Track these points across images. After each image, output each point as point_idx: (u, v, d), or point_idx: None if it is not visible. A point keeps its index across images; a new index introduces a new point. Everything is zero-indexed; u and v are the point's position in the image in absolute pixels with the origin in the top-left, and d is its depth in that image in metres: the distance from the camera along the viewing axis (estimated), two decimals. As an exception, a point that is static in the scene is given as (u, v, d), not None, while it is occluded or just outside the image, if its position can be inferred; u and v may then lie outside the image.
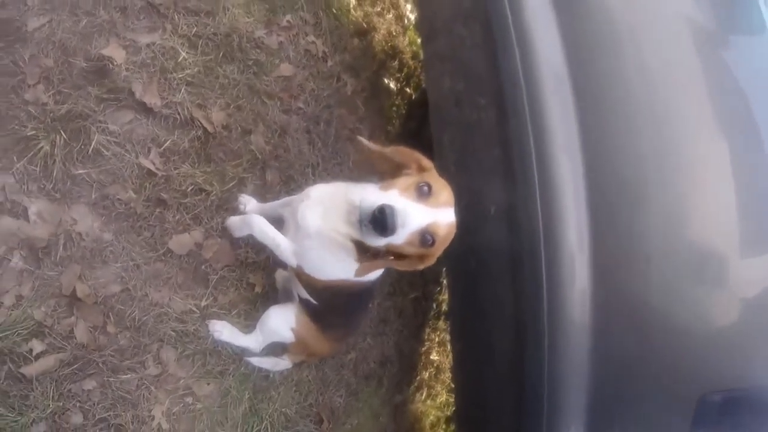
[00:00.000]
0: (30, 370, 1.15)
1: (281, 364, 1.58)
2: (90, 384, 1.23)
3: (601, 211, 1.26)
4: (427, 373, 2.15)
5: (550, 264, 1.28)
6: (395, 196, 1.03)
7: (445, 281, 2.10)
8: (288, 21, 1.73)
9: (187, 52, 1.48)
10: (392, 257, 1.12)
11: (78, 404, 1.21)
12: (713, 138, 1.25)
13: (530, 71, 1.31)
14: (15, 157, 1.19)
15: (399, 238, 1.03)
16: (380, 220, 0.98)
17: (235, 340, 1.49)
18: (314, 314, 1.42)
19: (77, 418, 1.20)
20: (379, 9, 2.12)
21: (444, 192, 1.10)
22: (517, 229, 1.38)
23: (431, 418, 2.15)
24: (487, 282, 1.55)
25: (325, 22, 1.85)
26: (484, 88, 1.48)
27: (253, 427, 1.53)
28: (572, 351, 1.28)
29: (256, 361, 1.53)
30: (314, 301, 1.39)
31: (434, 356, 2.22)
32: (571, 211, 1.27)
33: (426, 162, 1.14)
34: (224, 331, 1.47)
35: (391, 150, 1.15)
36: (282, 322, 1.44)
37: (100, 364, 1.26)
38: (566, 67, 1.30)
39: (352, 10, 1.97)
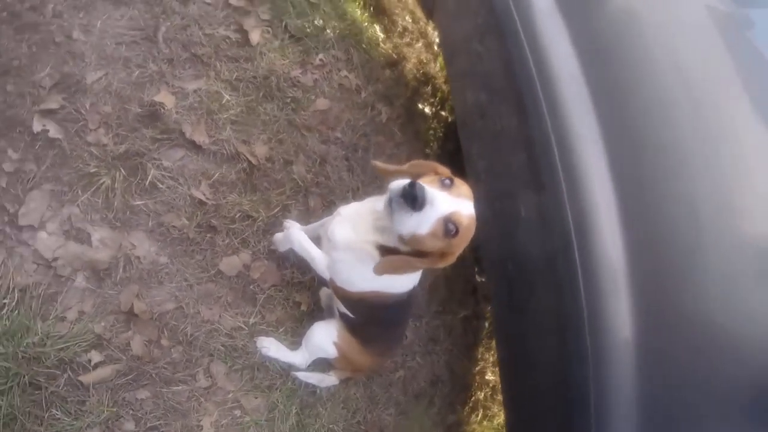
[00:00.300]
0: (88, 378, 1.25)
1: (327, 380, 1.58)
2: (143, 394, 1.30)
3: (634, 207, 1.18)
4: (483, 394, 2.03)
5: (585, 268, 1.21)
6: (427, 186, 1.05)
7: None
8: (321, 59, 1.87)
9: (229, 95, 1.63)
10: (413, 254, 1.13)
11: (131, 412, 1.28)
12: (753, 118, 1.16)
13: (544, 73, 1.31)
14: (80, 191, 1.35)
15: (427, 221, 1.04)
16: (410, 193, 1.00)
17: (281, 355, 1.52)
18: (353, 329, 1.44)
19: (129, 425, 1.27)
20: (408, 40, 2.22)
21: (464, 186, 1.13)
22: (549, 229, 1.33)
23: (488, 440, 2.02)
24: (525, 286, 1.49)
25: (356, 58, 1.97)
26: (505, 97, 1.50)
27: None
28: (617, 366, 1.17)
29: (302, 375, 1.54)
30: (351, 315, 1.41)
31: (489, 376, 2.11)
32: (601, 209, 1.20)
33: (443, 168, 1.17)
34: (271, 347, 1.51)
35: (408, 165, 1.20)
36: (325, 337, 1.46)
37: (154, 376, 1.33)
38: (578, 65, 1.29)
39: (381, 44, 2.09)
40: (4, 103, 1.30)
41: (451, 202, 1.06)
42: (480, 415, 2.04)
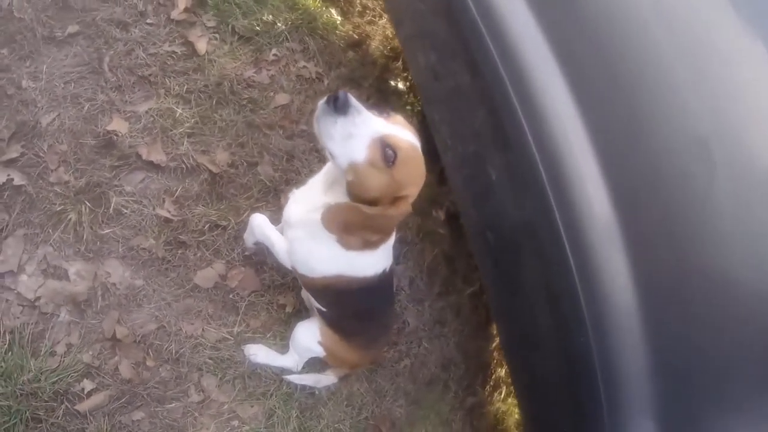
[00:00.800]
0: (83, 406, 1.38)
1: (324, 380, 1.64)
2: (138, 415, 1.43)
3: (618, 148, 1.11)
4: (503, 370, 2.02)
5: (568, 227, 1.16)
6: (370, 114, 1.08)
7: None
8: (275, 54, 1.90)
9: (182, 109, 1.71)
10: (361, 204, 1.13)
11: None
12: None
13: (488, 18, 1.26)
14: (50, 230, 1.48)
15: (360, 142, 1.05)
16: (333, 97, 1.02)
17: (272, 361, 1.60)
18: (332, 324, 1.48)
19: None
20: (369, 18, 2.20)
21: (401, 119, 1.14)
22: (522, 191, 1.30)
23: (515, 416, 2.00)
24: (508, 257, 1.46)
25: (313, 45, 1.98)
26: (453, 52, 1.46)
27: None
28: (621, 334, 1.13)
29: (296, 378, 1.61)
30: (323, 309, 1.45)
31: (509, 350, 2.12)
32: (576, 154, 1.13)
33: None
34: (260, 353, 1.59)
35: None
36: (308, 336, 1.51)
37: (146, 396, 1.45)
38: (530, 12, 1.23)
39: (339, 27, 2.08)
40: (-33, 161, 1.45)
41: (386, 126, 1.07)
42: (503, 393, 2.04)
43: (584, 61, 1.15)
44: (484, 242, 1.54)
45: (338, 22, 2.10)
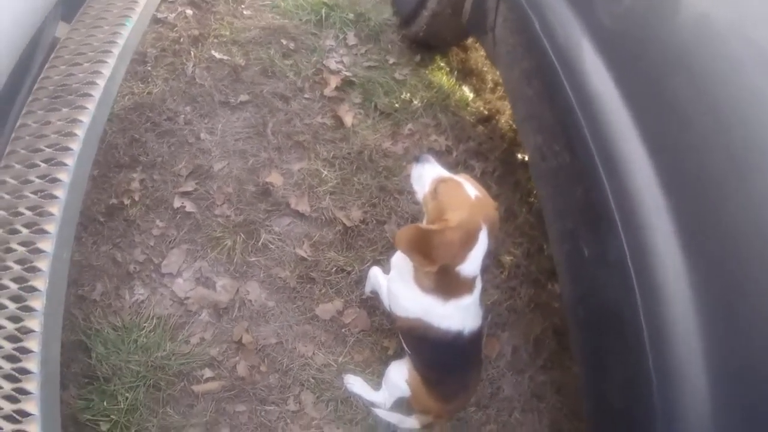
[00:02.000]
0: (199, 388, 1.79)
1: (408, 422, 1.87)
2: (240, 408, 1.79)
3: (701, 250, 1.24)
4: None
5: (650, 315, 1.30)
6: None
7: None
8: (410, 129, 2.47)
9: (327, 171, 2.28)
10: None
11: (228, 421, 1.77)
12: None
13: (583, 104, 1.56)
14: (209, 250, 2.04)
15: (425, 180, 1.59)
16: (418, 157, 1.66)
17: (365, 392, 1.90)
18: (416, 366, 1.77)
19: (225, 431, 1.76)
20: (499, 94, 2.68)
21: (468, 177, 1.66)
22: (610, 269, 1.48)
23: None
24: (594, 332, 1.61)
25: (444, 121, 2.52)
26: (555, 134, 1.78)
27: None
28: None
29: (382, 413, 1.87)
30: (408, 350, 1.77)
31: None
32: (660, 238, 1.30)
33: None
34: (356, 384, 1.91)
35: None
36: (399, 374, 1.81)
37: (252, 395, 1.82)
38: (619, 93, 1.48)
39: (470, 103, 2.61)
40: (153, 188, 2.12)
41: (445, 173, 1.61)
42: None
43: (675, 149, 1.36)
44: (576, 316, 1.70)
45: (470, 98, 2.64)
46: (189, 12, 2.58)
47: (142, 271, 1.96)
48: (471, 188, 1.56)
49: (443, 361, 1.72)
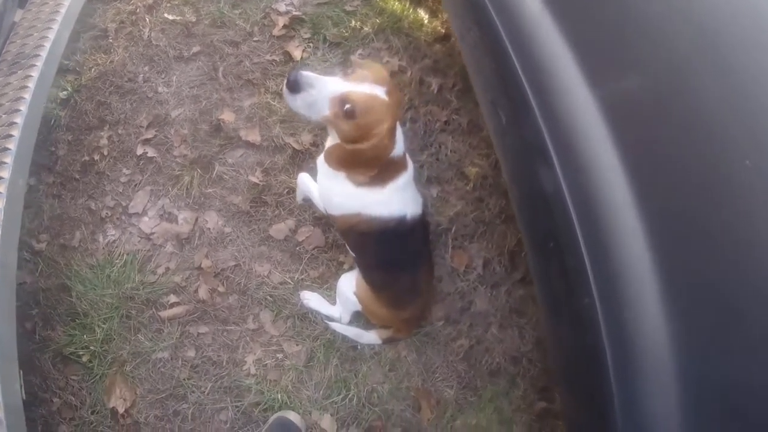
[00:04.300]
0: (165, 314, 1.85)
1: (366, 336, 1.84)
2: (204, 329, 1.84)
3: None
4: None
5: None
6: (324, 77, 1.36)
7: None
8: (360, 54, 2.36)
9: (277, 102, 2.24)
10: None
11: (193, 342, 1.83)
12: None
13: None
14: (170, 188, 2.08)
15: (320, 103, 1.33)
16: (288, 83, 1.33)
17: (321, 308, 1.88)
18: (363, 274, 1.71)
19: (191, 353, 1.81)
20: None
21: (371, 72, 1.39)
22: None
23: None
24: (527, 211, 1.50)
25: (397, 43, 2.39)
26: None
27: (337, 392, 1.79)
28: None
29: (337, 327, 1.84)
30: (352, 253, 1.70)
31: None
32: None
33: (378, 65, 1.46)
34: (312, 299, 1.89)
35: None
36: (346, 285, 1.77)
37: (213, 316, 1.87)
38: None
39: (426, 24, 2.45)
40: (119, 142, 2.16)
41: (341, 85, 1.34)
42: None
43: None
44: (513, 198, 1.59)
45: (425, 20, 2.48)
46: None
47: (113, 215, 2.03)
48: (373, 87, 1.36)
49: (389, 256, 1.63)
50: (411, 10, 2.51)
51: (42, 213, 2.02)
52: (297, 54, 2.33)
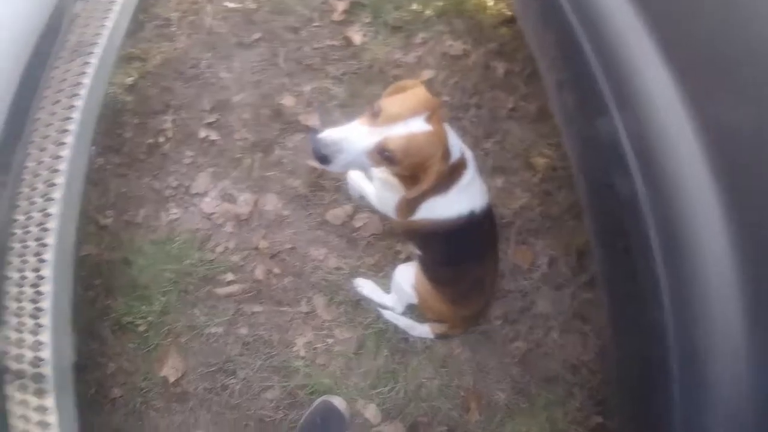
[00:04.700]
0: (221, 291, 1.85)
1: (419, 329, 1.77)
2: (258, 308, 1.82)
3: None
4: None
5: None
6: (349, 128, 1.24)
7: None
8: (422, 38, 2.31)
9: (337, 87, 2.22)
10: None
11: (246, 321, 1.81)
12: None
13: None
14: (231, 170, 2.08)
15: (359, 160, 1.22)
16: (316, 152, 1.21)
17: (374, 296, 1.83)
18: (425, 269, 1.62)
19: (243, 330, 1.80)
20: None
21: (394, 108, 1.22)
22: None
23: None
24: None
25: (460, 26, 2.33)
26: None
27: (385, 383, 1.73)
28: None
29: (390, 316, 1.79)
30: (417, 251, 1.61)
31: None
32: None
33: (407, 82, 1.34)
34: (366, 286, 1.84)
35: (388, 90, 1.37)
36: (405, 278, 1.68)
37: (268, 296, 1.85)
38: None
39: (490, 6, 2.36)
40: (183, 125, 2.19)
41: (371, 135, 1.20)
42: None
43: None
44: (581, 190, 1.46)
45: (489, 2, 2.38)
46: None
47: (176, 195, 2.05)
48: (407, 122, 1.20)
49: (456, 252, 1.53)
50: (475, -8, 2.44)
51: (108, 191, 2.06)
52: (357, 39, 2.30)
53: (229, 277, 1.88)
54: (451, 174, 1.36)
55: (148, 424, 1.70)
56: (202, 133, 2.15)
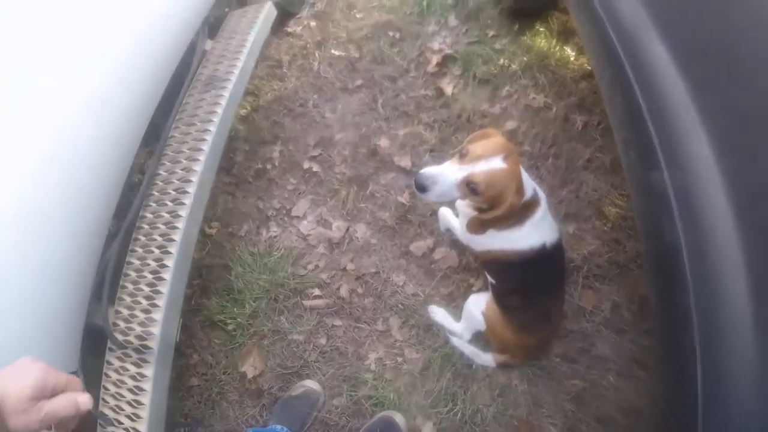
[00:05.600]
0: (308, 303, 2.06)
1: (483, 357, 1.88)
2: (338, 322, 2.02)
3: None
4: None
5: None
6: (443, 166, 1.50)
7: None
8: (507, 91, 2.48)
9: (428, 133, 2.42)
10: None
11: (326, 332, 2.01)
12: None
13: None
14: (328, 199, 2.32)
15: (450, 192, 1.47)
16: (417, 183, 1.48)
17: (446, 322, 1.97)
18: (496, 296, 1.77)
19: (322, 340, 1.99)
20: None
21: (478, 150, 1.46)
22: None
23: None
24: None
25: (543, 80, 2.47)
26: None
27: (444, 404, 1.84)
28: None
29: (456, 342, 1.91)
30: (491, 279, 1.76)
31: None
32: None
33: (489, 131, 1.57)
34: (439, 313, 1.99)
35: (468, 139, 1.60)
36: (476, 305, 1.83)
37: (349, 313, 2.04)
38: None
39: (572, 61, 2.50)
40: (289, 156, 2.47)
41: (460, 171, 1.45)
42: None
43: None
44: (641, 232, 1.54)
45: (571, 57, 2.54)
46: (313, 23, 2.96)
47: (277, 216, 2.32)
48: (488, 160, 1.44)
49: (528, 281, 1.68)
50: (558, 47, 2.60)
51: (216, 205, 2.36)
52: (448, 90, 2.51)
53: (316, 291, 2.09)
54: (526, 209, 1.55)
55: (219, 413, 1.91)
56: (306, 165, 2.42)
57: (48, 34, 1.46)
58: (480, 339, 1.90)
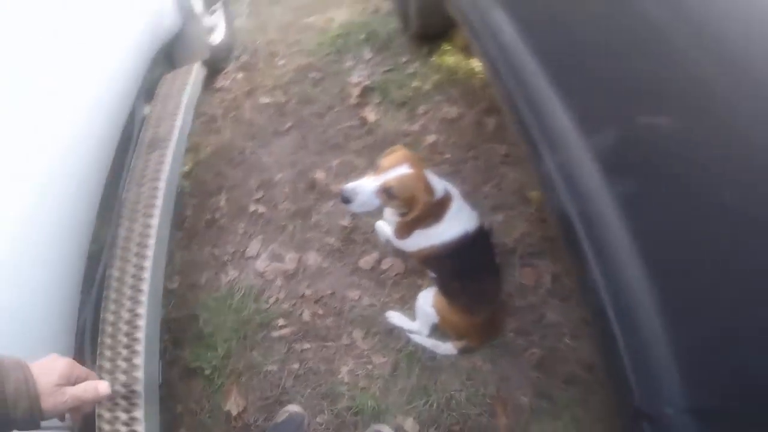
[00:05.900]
0: (275, 334, 2.18)
1: (443, 347, 2.03)
2: (306, 345, 2.14)
3: None
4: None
5: None
6: (362, 180, 1.70)
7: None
8: (423, 109, 2.73)
9: (358, 159, 2.63)
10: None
11: (297, 357, 2.12)
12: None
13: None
14: (278, 235, 2.47)
15: (370, 201, 1.67)
16: (342, 197, 1.71)
17: (403, 323, 2.12)
18: (440, 288, 1.95)
19: (295, 365, 2.10)
20: None
21: (391, 158, 1.71)
22: None
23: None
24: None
25: (454, 93, 2.73)
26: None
27: (419, 398, 1.96)
28: None
29: (417, 338, 2.07)
30: (432, 273, 1.94)
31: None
32: None
33: (396, 147, 1.79)
34: (395, 317, 2.15)
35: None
36: (425, 301, 2.00)
37: (314, 335, 2.16)
38: None
39: (479, 72, 2.75)
40: (235, 202, 2.64)
41: (376, 180, 1.67)
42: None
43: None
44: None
45: (477, 68, 2.79)
46: (240, 75, 3.19)
47: (233, 259, 2.46)
48: (396, 168, 1.66)
49: (460, 266, 1.85)
50: (464, 61, 2.86)
51: (174, 260, 2.48)
52: (371, 117, 2.74)
53: (281, 321, 2.21)
54: (441, 206, 1.76)
55: (211, 458, 1.99)
56: (252, 207, 2.58)
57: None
58: (437, 331, 2.05)
